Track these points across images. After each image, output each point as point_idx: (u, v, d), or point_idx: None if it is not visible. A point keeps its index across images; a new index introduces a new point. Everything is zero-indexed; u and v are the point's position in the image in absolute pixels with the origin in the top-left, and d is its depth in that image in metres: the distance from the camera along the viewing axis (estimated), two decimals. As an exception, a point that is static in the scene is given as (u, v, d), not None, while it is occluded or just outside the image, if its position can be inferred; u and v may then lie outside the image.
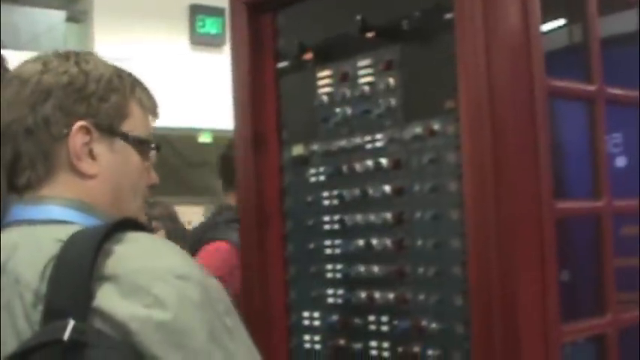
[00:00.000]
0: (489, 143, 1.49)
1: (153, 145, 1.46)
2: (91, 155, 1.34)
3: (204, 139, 11.36)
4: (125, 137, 1.39)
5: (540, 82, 1.52)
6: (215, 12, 10.37)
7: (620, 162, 2.45)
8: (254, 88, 2.02)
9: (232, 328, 1.17)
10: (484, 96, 1.50)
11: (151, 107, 1.48)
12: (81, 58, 1.40)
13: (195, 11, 11.28)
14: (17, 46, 11.54)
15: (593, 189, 1.65)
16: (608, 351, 1.61)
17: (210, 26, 11.17)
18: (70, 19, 12.36)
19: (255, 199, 2.00)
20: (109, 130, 1.37)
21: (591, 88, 1.66)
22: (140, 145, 1.41)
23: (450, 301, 1.61)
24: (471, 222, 1.54)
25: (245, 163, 2.03)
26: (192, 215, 12.65)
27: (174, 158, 13.19)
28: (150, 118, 1.48)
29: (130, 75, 1.46)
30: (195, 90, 10.39)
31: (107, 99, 1.37)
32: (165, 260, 1.19)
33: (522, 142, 1.50)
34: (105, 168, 1.36)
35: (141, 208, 1.47)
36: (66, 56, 1.39)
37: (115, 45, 11.38)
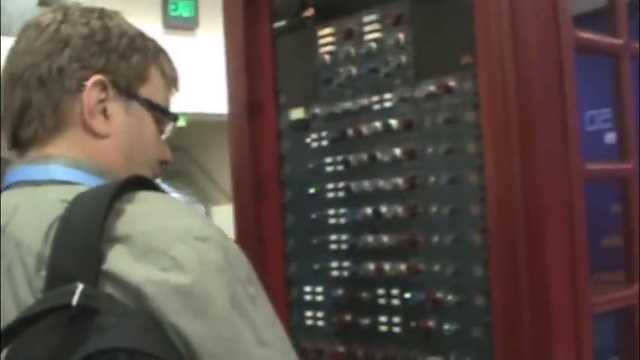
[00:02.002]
0: (513, 101, 1.38)
1: (171, 116, 1.32)
2: (105, 114, 1.21)
3: (179, 122, 11.21)
4: (142, 101, 1.26)
5: (567, 34, 1.41)
6: (189, -5, 10.24)
7: (610, 139, 2.36)
8: (249, 49, 1.89)
9: (255, 297, 1.04)
10: (507, 49, 1.39)
11: (173, 78, 1.34)
12: (105, 13, 1.27)
13: (168, -6, 11.12)
14: (-12, 31, 11.35)
15: (620, 151, 1.54)
16: (635, 322, 1.50)
17: (183, 9, 10.99)
18: (42, 3, 12.12)
19: (250, 168, 1.88)
20: (127, 90, 1.24)
21: (618, 42, 1.54)
22: (158, 112, 1.28)
23: (468, 271, 1.49)
24: (493, 186, 1.43)
25: (239, 129, 1.90)
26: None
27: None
28: (170, 90, 1.35)
29: (156, 42, 1.34)
30: (168, 74, 10.22)
31: (128, 57, 1.24)
32: (183, 220, 1.06)
33: (549, 99, 1.39)
34: (118, 130, 1.23)
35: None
36: (90, 9, 1.26)
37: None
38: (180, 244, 1.00)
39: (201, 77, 7.97)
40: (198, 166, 12.82)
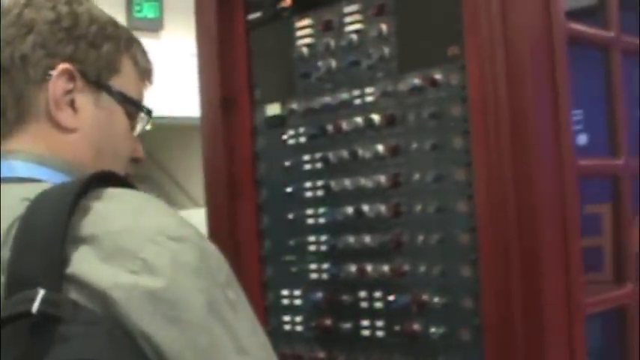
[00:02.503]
0: (504, 94, 1.32)
1: (144, 110, 1.23)
2: (73, 106, 1.11)
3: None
4: (113, 93, 1.16)
5: (560, 25, 1.35)
6: (153, -4, 10.10)
7: (582, 140, 2.32)
8: (221, 43, 1.81)
9: (235, 302, 0.96)
10: (497, 40, 1.32)
11: (146, 70, 1.25)
12: None
13: (133, -5, 10.98)
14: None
15: (610, 147, 1.48)
16: (629, 322, 1.45)
17: (148, 10, 10.84)
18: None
19: (224, 167, 1.79)
20: (97, 81, 1.14)
21: (609, 34, 1.49)
22: (130, 106, 1.19)
23: (455, 272, 1.42)
24: (482, 183, 1.36)
25: (212, 126, 1.81)
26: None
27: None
28: (144, 82, 1.26)
29: (127, 30, 1.24)
30: (132, 76, 10.09)
31: (98, 46, 1.15)
32: (156, 219, 0.97)
33: (541, 92, 1.33)
34: (86, 123, 1.13)
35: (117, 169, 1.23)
36: None
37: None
38: (151, 245, 0.92)
39: (166, 79, 7.87)
40: (164, 171, 12.67)
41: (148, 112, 1.23)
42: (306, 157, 1.67)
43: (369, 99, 1.56)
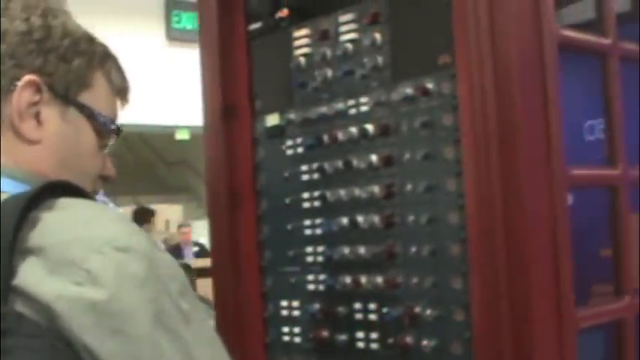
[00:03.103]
0: (492, 102, 1.29)
1: (114, 127, 1.23)
2: (37, 118, 1.12)
3: (182, 135, 11.13)
4: (82, 108, 1.16)
5: (550, 32, 1.32)
6: (191, 7, 10.13)
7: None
8: (223, 53, 1.81)
9: (189, 313, 0.95)
10: (485, 47, 1.30)
11: (120, 87, 1.25)
12: (50, 11, 1.17)
13: (171, 6, 11.07)
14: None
15: (607, 156, 1.45)
16: (626, 337, 1.41)
17: (187, 21, 10.96)
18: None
19: (225, 177, 1.79)
20: (64, 95, 1.14)
21: (605, 41, 1.46)
22: (98, 122, 1.19)
23: (447, 284, 1.40)
24: (472, 193, 1.34)
25: (214, 137, 1.81)
26: (170, 214, 12.45)
27: (151, 156, 13.00)
28: (118, 100, 1.26)
29: (105, 46, 1.24)
30: (171, 86, 10.16)
31: (69, 60, 1.15)
32: (105, 229, 0.96)
33: (530, 100, 1.30)
34: (51, 136, 1.13)
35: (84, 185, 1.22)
36: (36, 5, 1.16)
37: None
38: (96, 256, 0.91)
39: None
40: (202, 180, 12.77)
41: (116, 131, 1.22)
42: (304, 168, 1.66)
43: (364, 109, 1.55)
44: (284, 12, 1.68)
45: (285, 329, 1.69)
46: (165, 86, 10.23)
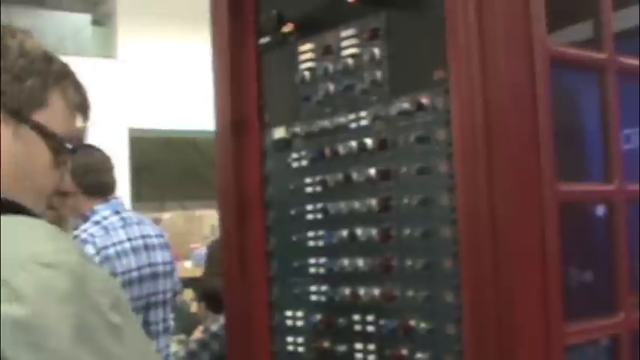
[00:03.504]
0: (481, 117, 1.30)
1: (69, 146, 1.25)
2: None
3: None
4: (35, 127, 1.19)
5: (541, 47, 1.33)
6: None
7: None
8: (234, 67, 1.84)
9: (120, 327, 0.97)
10: (475, 62, 1.31)
11: (79, 105, 1.27)
12: (10, 30, 1.22)
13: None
14: (43, 50, 11.58)
15: (604, 171, 1.45)
16: (622, 354, 1.40)
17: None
18: (95, 22, 12.36)
19: (235, 188, 1.82)
20: (17, 114, 1.18)
21: (601, 56, 1.45)
22: (52, 140, 1.21)
23: (440, 297, 1.41)
24: (463, 208, 1.35)
25: (225, 149, 1.85)
26: (216, 219, 12.55)
27: (200, 161, 13.12)
28: (77, 116, 1.29)
29: (64, 65, 1.28)
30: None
31: (22, 80, 1.18)
32: (33, 246, 0.99)
33: (520, 115, 1.31)
34: (3, 154, 1.16)
35: (43, 214, 1.24)
36: None
37: (138, 47, 11.35)
38: (22, 273, 0.95)
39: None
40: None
41: (71, 150, 1.25)
42: (308, 180, 1.68)
43: (363, 123, 1.57)
44: (289, 26, 1.71)
45: (290, 339, 1.72)
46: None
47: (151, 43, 11.11)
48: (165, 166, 12.04)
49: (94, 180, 3.01)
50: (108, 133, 11.05)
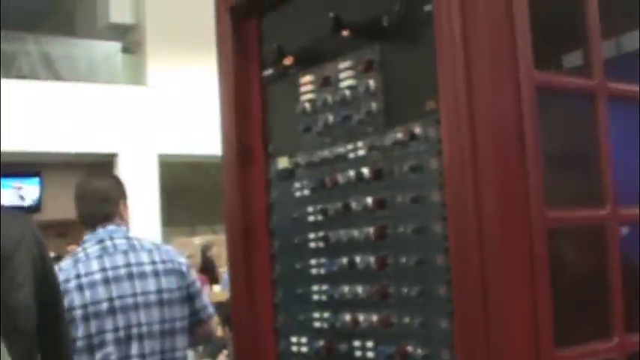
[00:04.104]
0: (469, 147, 1.33)
1: None
2: None
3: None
4: None
5: (527, 76, 1.35)
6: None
7: None
8: (240, 98, 1.89)
9: None
10: (461, 92, 1.34)
11: None
12: None
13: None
14: (75, 78, 11.77)
15: (598, 195, 1.46)
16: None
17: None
18: (125, 49, 12.54)
19: (241, 217, 1.87)
20: None
21: (591, 82, 1.48)
22: None
23: (435, 324, 1.44)
24: (454, 237, 1.38)
25: (231, 178, 1.89)
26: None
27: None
28: None
29: None
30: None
31: None
32: None
33: (507, 144, 1.34)
34: None
35: None
36: None
37: (167, 74, 11.50)
38: None
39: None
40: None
41: None
42: (310, 209, 1.72)
43: (361, 153, 1.60)
44: (290, 59, 1.75)
45: (295, 365, 1.75)
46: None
47: (179, 70, 11.25)
48: (195, 191, 12.13)
49: (85, 210, 2.95)
50: (138, 158, 11.21)
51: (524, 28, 1.36)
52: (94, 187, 2.98)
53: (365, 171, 1.58)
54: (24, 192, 11.53)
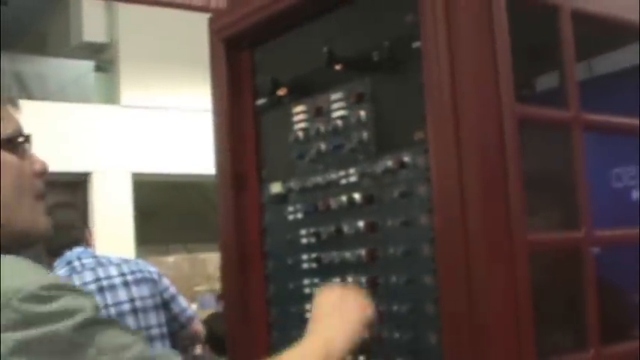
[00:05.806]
0: (455, 175, 1.44)
1: (22, 137, 1.35)
2: None
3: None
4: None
5: (509, 109, 1.47)
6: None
7: (636, 195, 2.41)
8: (234, 125, 1.99)
9: None
10: (449, 124, 1.45)
11: (6, 99, 1.37)
12: None
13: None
14: (45, 97, 11.76)
15: (577, 219, 1.58)
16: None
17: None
18: (98, 68, 12.54)
19: (236, 240, 1.96)
20: None
21: (567, 114, 1.60)
22: (10, 144, 1.32)
23: (424, 339, 1.54)
24: (440, 258, 1.48)
25: (226, 203, 1.98)
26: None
27: (203, 204, 13.21)
28: (10, 108, 1.37)
29: None
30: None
31: None
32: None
33: (490, 172, 1.44)
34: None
35: (33, 206, 1.36)
36: None
37: (141, 93, 11.53)
38: None
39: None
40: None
41: (27, 138, 1.36)
42: (303, 232, 1.82)
43: (352, 179, 1.71)
44: (283, 90, 1.85)
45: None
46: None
47: (153, 88, 11.30)
48: (169, 210, 12.15)
49: (52, 242, 3.01)
50: (112, 177, 11.23)
51: (506, 65, 1.47)
52: (58, 220, 3.04)
53: (357, 196, 1.68)
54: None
